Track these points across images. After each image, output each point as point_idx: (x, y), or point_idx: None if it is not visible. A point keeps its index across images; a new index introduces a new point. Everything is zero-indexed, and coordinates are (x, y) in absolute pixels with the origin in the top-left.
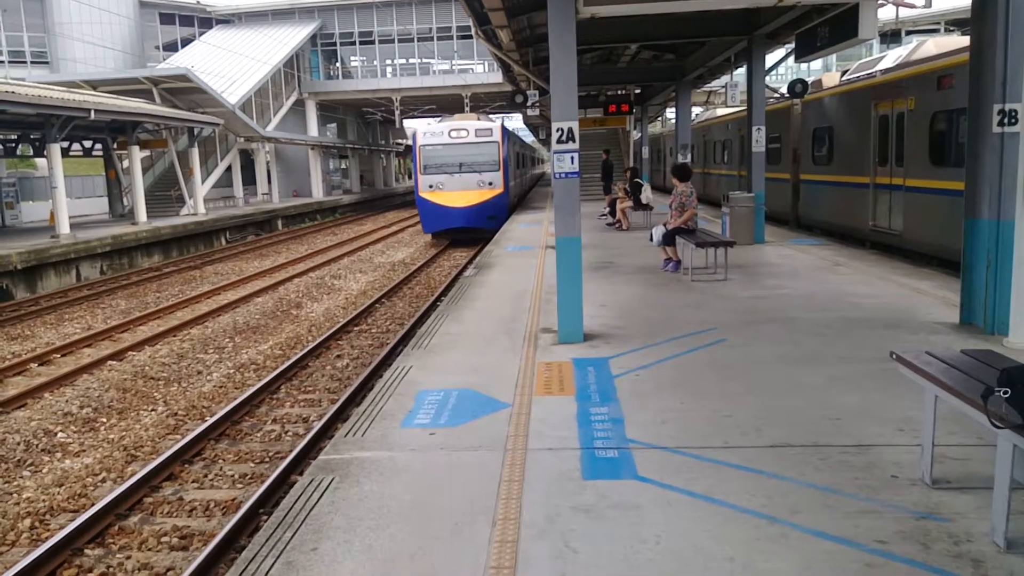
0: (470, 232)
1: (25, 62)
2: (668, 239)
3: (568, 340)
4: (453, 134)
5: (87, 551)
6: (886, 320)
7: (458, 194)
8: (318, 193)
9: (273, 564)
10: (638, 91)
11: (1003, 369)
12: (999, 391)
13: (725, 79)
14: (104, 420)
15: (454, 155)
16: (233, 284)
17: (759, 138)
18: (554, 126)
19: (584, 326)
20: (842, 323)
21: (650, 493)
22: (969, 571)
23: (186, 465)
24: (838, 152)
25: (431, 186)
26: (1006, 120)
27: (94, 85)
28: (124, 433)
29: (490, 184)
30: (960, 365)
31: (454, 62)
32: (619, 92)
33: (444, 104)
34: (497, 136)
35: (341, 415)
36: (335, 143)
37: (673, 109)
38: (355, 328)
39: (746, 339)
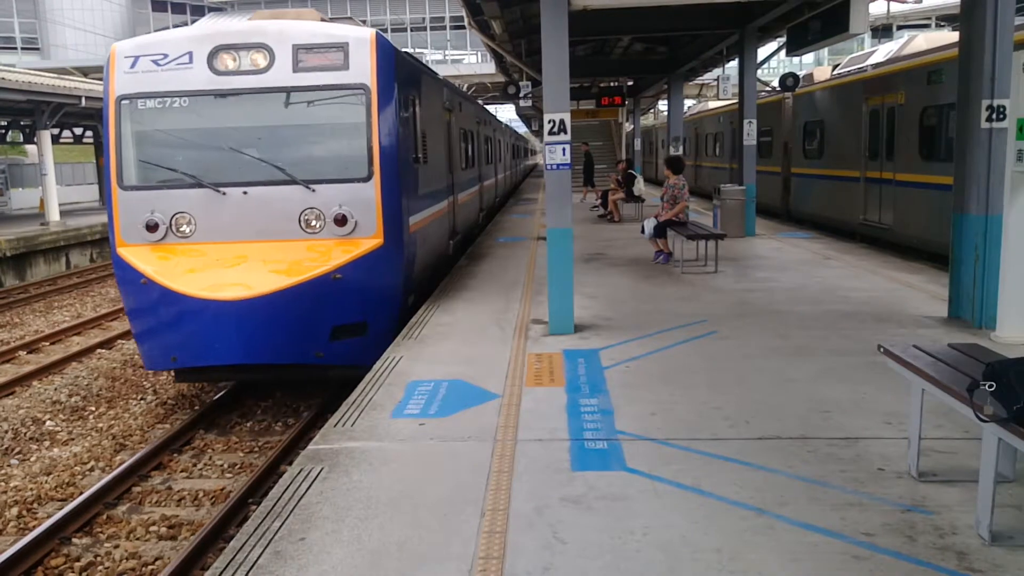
0: (281, 372)
1: (16, 48)
2: (659, 231)
3: (559, 331)
4: (226, 64)
5: (75, 540)
6: (875, 314)
7: (235, 254)
8: None
9: (261, 554)
10: (630, 83)
11: (988, 363)
12: (984, 385)
13: (717, 72)
14: (93, 408)
15: (224, 128)
16: None
17: (750, 131)
18: (546, 117)
19: (575, 317)
20: (831, 316)
21: (638, 484)
22: (954, 563)
23: (175, 454)
24: (829, 146)
25: (153, 227)
26: (994, 116)
27: (85, 72)
28: (113, 422)
29: (343, 224)
30: (947, 359)
31: (447, 52)
32: (612, 84)
33: None
34: (364, 70)
35: (331, 405)
36: None
37: (665, 101)
38: None
39: (736, 332)
